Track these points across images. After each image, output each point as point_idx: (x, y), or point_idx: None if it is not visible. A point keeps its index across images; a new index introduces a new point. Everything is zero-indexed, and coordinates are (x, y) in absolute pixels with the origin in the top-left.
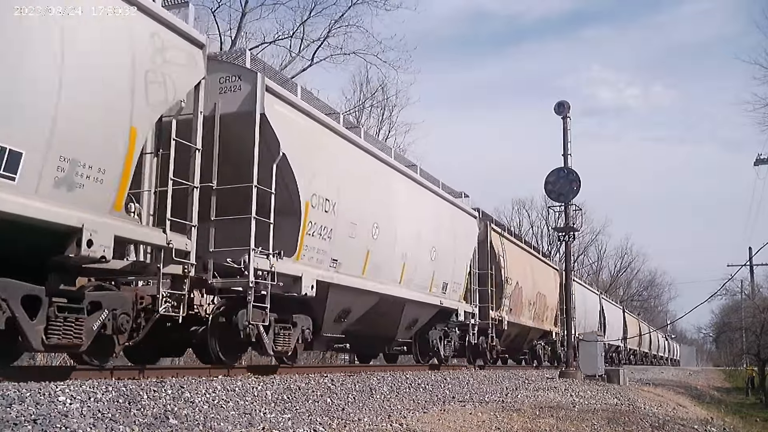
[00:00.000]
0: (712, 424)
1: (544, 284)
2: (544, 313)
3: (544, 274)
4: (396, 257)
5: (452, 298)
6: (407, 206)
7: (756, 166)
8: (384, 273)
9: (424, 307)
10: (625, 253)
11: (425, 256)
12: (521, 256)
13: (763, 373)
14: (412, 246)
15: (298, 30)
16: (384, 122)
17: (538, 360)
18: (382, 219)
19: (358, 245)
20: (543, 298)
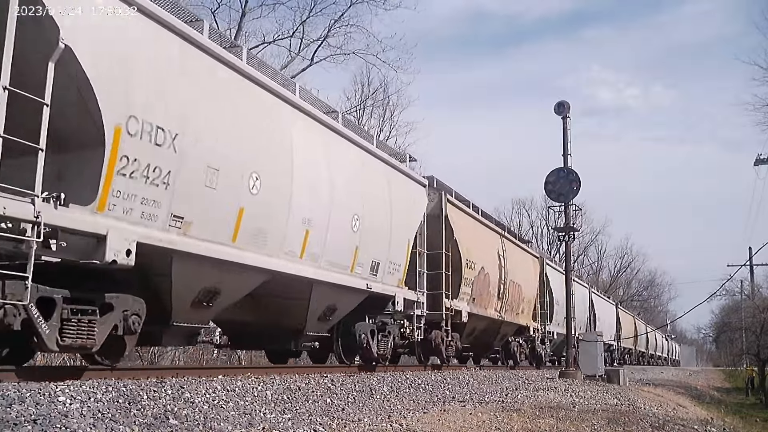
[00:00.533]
0: (712, 425)
1: (520, 272)
2: (519, 306)
3: (519, 260)
4: (293, 223)
5: (388, 282)
6: (315, 159)
7: (756, 166)
8: (273, 242)
9: (345, 292)
10: (625, 253)
11: (343, 226)
12: (489, 237)
13: (763, 373)
14: (321, 210)
15: (298, 30)
16: (385, 122)
17: (513, 359)
18: (267, 169)
19: (224, 200)
20: (518, 288)
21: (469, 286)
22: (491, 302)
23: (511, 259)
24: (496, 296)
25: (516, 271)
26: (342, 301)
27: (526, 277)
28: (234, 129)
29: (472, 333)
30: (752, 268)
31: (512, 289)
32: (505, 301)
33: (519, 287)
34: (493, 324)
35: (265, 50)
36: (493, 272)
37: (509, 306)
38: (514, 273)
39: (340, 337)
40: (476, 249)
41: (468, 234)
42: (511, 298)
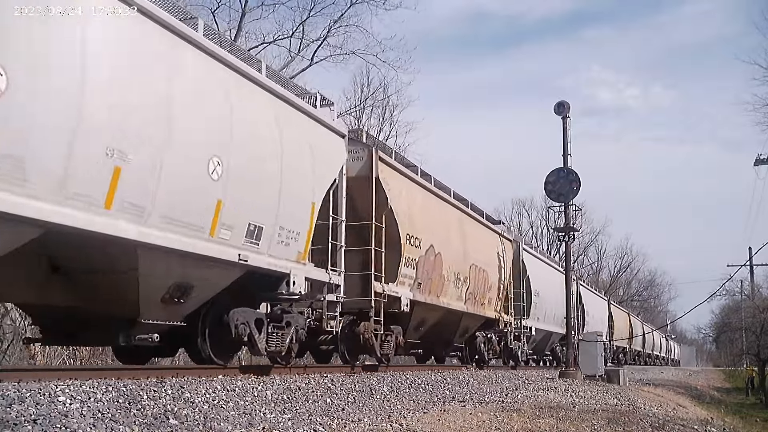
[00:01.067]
0: (712, 425)
1: (487, 256)
2: (485, 295)
3: (486, 242)
4: (86, 152)
5: (278, 255)
6: (136, 65)
7: (756, 166)
8: (42, 178)
9: (203, 266)
10: (625, 253)
11: (192, 169)
12: (443, 211)
13: (763, 373)
14: (147, 141)
15: (297, 30)
16: (385, 122)
17: (480, 357)
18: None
19: None
20: (482, 273)
21: (412, 268)
22: (446, 289)
23: (474, 239)
24: (453, 283)
25: (481, 255)
26: (200, 278)
27: (495, 262)
28: None
29: (421, 326)
30: (752, 268)
31: (476, 275)
32: (465, 288)
33: (485, 273)
34: (450, 316)
35: (265, 50)
36: (449, 254)
37: (472, 295)
38: (478, 256)
39: (208, 328)
40: (423, 223)
41: (411, 204)
42: (474, 286)
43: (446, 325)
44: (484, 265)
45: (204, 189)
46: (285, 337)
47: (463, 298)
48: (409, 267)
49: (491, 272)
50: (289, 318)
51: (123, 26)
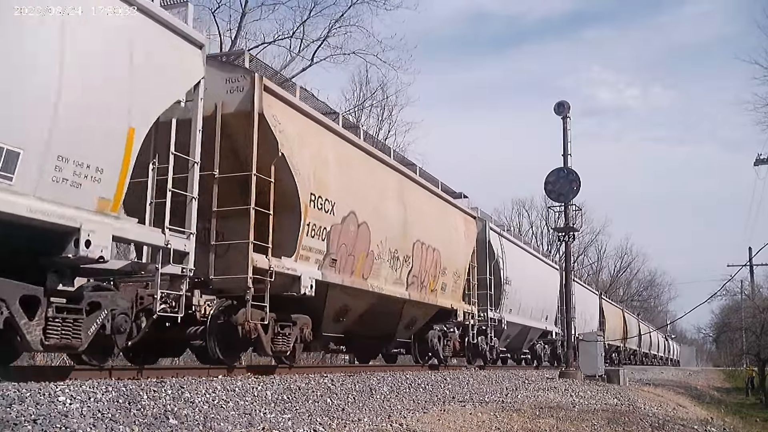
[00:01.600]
0: (712, 425)
1: (440, 233)
2: (436, 279)
3: (436, 215)
4: None
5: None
6: None
7: (756, 166)
8: None
9: None
10: (625, 253)
11: None
12: (371, 170)
13: (763, 373)
14: None
15: (298, 30)
16: (384, 122)
17: (434, 354)
18: None
19: None
20: (433, 254)
21: (320, 239)
22: (377, 270)
23: (421, 212)
24: (387, 262)
25: (431, 231)
26: None
27: (452, 241)
28: None
29: (343, 315)
30: (752, 269)
31: (423, 254)
32: (407, 270)
33: (436, 254)
34: (387, 303)
35: (265, 50)
36: (382, 226)
37: (417, 279)
38: (426, 233)
39: None
40: (340, 184)
41: (318, 156)
42: (419, 268)
43: (382, 315)
44: (435, 244)
45: None
46: (87, 326)
47: (403, 282)
48: (315, 238)
49: (446, 253)
50: (95, 298)
51: None
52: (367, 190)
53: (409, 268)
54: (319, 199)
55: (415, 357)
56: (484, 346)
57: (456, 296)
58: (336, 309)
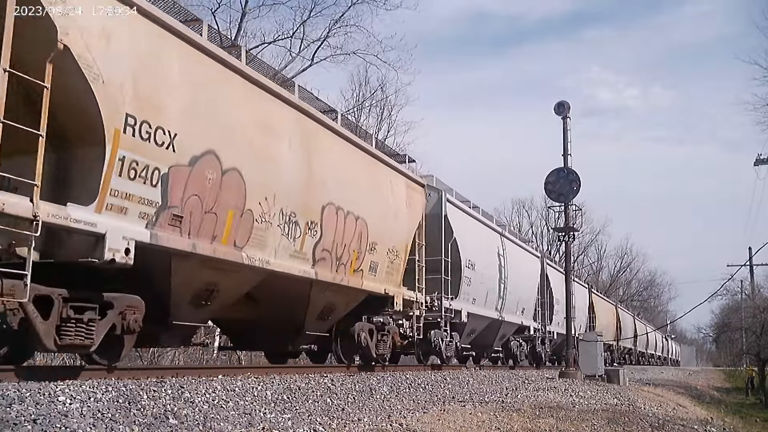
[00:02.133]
0: (711, 424)
1: (364, 197)
2: (362, 258)
3: (361, 174)
4: None
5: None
6: None
7: (756, 166)
8: None
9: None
10: (625, 253)
11: None
12: (248, 99)
13: (763, 373)
14: None
15: (298, 30)
16: (383, 121)
17: (364, 353)
18: None
19: None
20: (357, 224)
21: (148, 184)
22: (265, 239)
23: (337, 167)
24: (280, 229)
25: (355, 195)
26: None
27: (387, 211)
28: None
29: (208, 297)
30: (752, 268)
31: (339, 223)
32: (313, 242)
33: (361, 225)
34: (286, 285)
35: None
36: (268, 178)
37: (330, 254)
38: (346, 196)
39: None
40: (187, 108)
41: (145, 61)
42: (335, 240)
43: (280, 300)
44: (360, 212)
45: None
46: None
47: (307, 257)
48: (138, 181)
49: (377, 225)
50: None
51: None
52: (242, 126)
53: (315, 238)
54: (144, 125)
55: (337, 356)
56: (439, 342)
57: (393, 280)
58: (194, 289)
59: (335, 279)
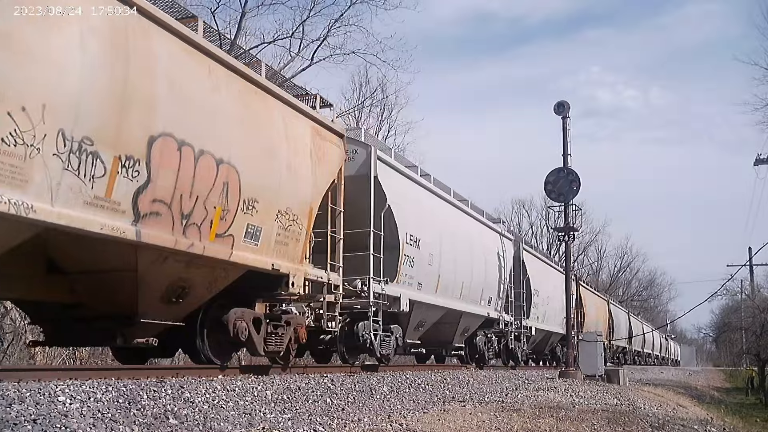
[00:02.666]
0: (711, 424)
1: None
2: (233, 220)
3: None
4: None
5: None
6: None
7: (756, 166)
8: None
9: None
10: (625, 253)
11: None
12: None
13: (763, 373)
14: None
15: (297, 30)
16: (383, 122)
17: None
18: None
19: None
20: (219, 171)
21: None
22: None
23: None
24: (63, 162)
25: (220, 132)
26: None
27: (275, 160)
28: None
29: None
30: (752, 268)
31: (186, 166)
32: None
33: (228, 173)
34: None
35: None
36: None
37: (169, 208)
38: (203, 130)
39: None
40: None
41: None
42: (175, 189)
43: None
44: (224, 153)
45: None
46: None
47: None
48: None
49: (257, 175)
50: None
51: None
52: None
53: (137, 182)
54: None
55: (203, 352)
56: (368, 337)
57: (289, 253)
58: None
59: (182, 245)
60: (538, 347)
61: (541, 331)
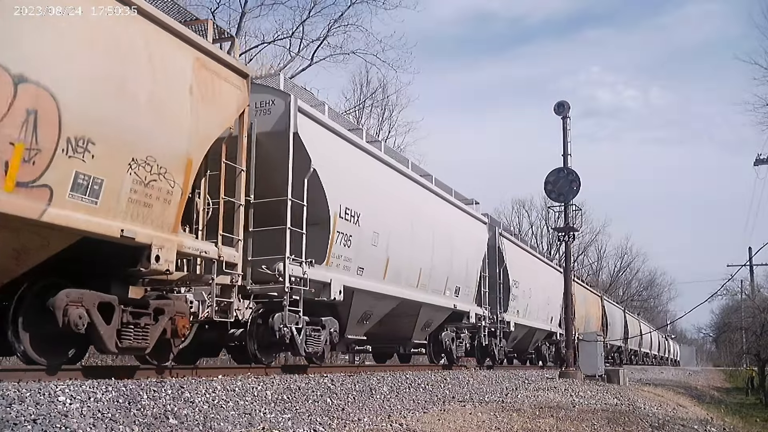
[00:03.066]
0: (711, 424)
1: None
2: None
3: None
4: None
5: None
6: None
7: (756, 166)
8: None
9: None
10: (625, 253)
11: None
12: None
13: (763, 373)
14: None
15: (297, 30)
16: (384, 122)
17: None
18: None
19: None
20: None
21: None
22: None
23: None
24: None
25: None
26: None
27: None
28: None
29: None
30: (752, 268)
31: None
32: None
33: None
34: None
35: (264, 50)
36: None
37: None
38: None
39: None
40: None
41: None
42: None
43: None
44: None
45: None
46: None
47: None
48: None
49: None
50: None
51: None
52: None
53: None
54: None
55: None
56: (285, 330)
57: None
58: None
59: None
60: (521, 345)
61: (523, 326)
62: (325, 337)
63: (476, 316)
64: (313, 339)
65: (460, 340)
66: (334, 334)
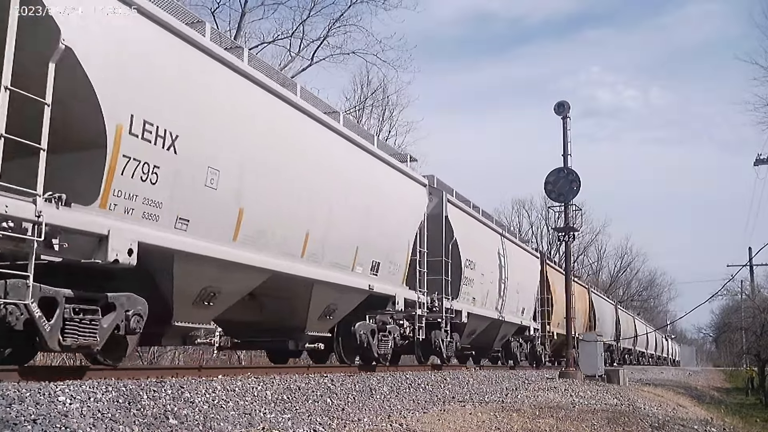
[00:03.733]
0: (711, 425)
1: None
2: None
3: None
4: None
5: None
6: None
7: (756, 166)
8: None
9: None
10: (624, 253)
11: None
12: None
13: (763, 373)
14: None
15: (297, 30)
16: (385, 122)
17: None
18: None
19: None
20: None
21: None
22: None
23: None
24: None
25: None
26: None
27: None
28: None
29: None
30: (752, 268)
31: None
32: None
33: None
34: None
35: (265, 50)
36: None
37: None
38: None
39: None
40: None
41: None
42: None
43: None
44: None
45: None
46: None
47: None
48: None
49: None
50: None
51: None
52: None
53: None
54: None
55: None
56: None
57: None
58: None
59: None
60: (482, 341)
61: (482, 318)
62: (116, 323)
63: (406, 301)
64: (78, 327)
65: (385, 333)
66: (137, 320)
